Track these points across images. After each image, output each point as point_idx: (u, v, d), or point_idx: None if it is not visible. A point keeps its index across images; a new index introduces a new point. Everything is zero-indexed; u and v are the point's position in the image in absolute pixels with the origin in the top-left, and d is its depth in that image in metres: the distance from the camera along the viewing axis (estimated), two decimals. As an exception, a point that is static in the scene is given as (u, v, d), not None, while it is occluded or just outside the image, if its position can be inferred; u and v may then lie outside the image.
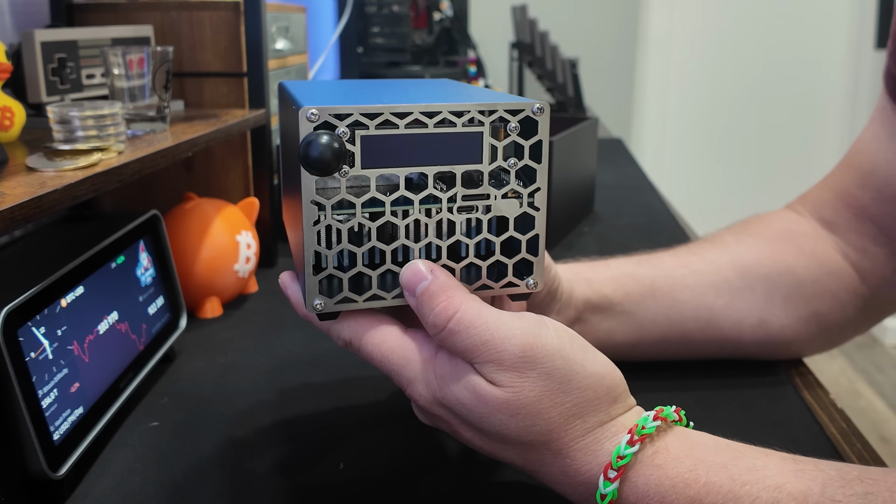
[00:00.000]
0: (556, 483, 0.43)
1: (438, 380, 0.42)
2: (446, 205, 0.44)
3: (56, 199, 0.52)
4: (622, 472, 0.40)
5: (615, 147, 1.76)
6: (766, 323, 0.63)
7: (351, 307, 0.44)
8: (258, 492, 0.51)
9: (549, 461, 0.42)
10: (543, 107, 0.43)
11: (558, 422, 0.41)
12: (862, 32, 3.09)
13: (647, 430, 0.41)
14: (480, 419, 0.41)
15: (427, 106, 0.42)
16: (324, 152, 0.39)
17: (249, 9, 0.89)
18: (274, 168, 0.99)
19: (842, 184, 0.66)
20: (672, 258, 0.65)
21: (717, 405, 0.61)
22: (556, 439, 0.41)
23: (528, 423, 0.41)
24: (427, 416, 0.46)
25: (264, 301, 0.85)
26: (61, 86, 0.79)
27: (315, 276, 0.43)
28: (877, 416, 2.49)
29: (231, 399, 0.64)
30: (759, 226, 0.68)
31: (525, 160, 0.44)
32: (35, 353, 0.50)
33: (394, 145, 0.42)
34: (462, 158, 0.43)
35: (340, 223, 0.42)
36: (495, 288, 0.46)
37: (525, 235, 0.45)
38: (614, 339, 0.62)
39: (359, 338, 0.45)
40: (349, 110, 0.41)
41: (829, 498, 0.38)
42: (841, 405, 0.61)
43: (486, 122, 0.43)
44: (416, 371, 0.43)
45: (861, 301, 0.65)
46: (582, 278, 0.61)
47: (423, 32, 1.88)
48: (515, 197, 0.44)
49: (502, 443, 0.42)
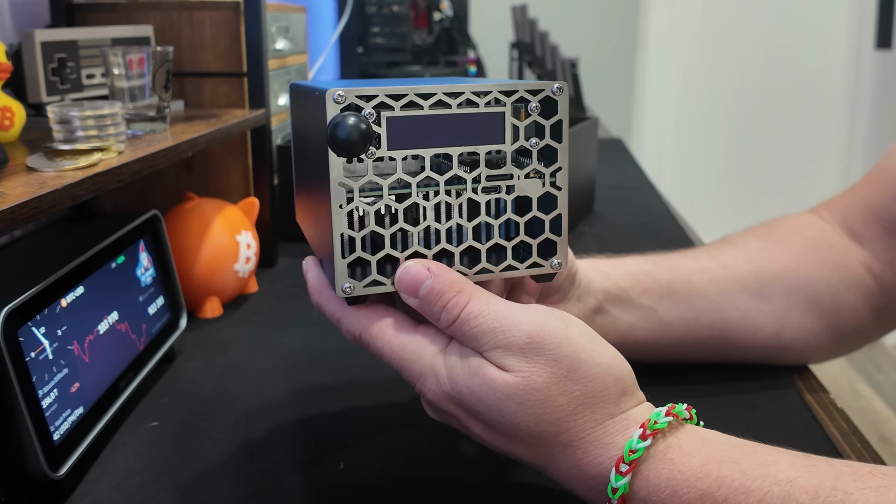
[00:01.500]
0: (567, 478, 0.43)
1: (448, 371, 0.43)
2: (471, 185, 0.44)
3: (56, 199, 0.52)
4: (634, 466, 0.40)
5: (615, 147, 1.76)
6: (779, 335, 0.63)
7: (380, 290, 0.44)
8: (258, 492, 0.51)
9: (559, 454, 0.42)
10: (563, 86, 0.44)
11: (567, 410, 0.41)
12: (862, 32, 3.09)
13: (659, 424, 0.41)
14: (490, 409, 0.41)
15: (451, 87, 0.43)
16: (351, 133, 0.40)
17: (249, 9, 0.89)
18: (274, 168, 0.99)
19: (873, 195, 0.64)
20: (691, 261, 0.64)
21: (718, 405, 0.61)
22: (565, 430, 0.41)
23: (537, 411, 0.41)
24: (437, 411, 0.45)
25: (264, 301, 0.85)
26: (61, 86, 0.79)
27: (344, 260, 0.43)
28: (877, 416, 2.49)
29: (231, 399, 0.63)
30: (785, 231, 0.66)
31: (546, 140, 0.44)
32: (35, 353, 0.50)
33: (419, 126, 0.42)
34: (485, 139, 0.44)
35: (368, 205, 0.43)
36: (520, 269, 0.46)
37: (548, 215, 0.45)
38: (635, 335, 0.61)
39: (368, 332, 0.45)
40: (375, 91, 0.41)
41: (842, 490, 0.37)
42: (841, 405, 0.61)
43: (507, 102, 0.44)
44: (425, 366, 0.43)
45: (876, 312, 0.64)
46: (599, 271, 0.61)
47: (423, 32, 1.88)
48: (538, 177, 0.45)
49: (512, 437, 0.42)
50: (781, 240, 0.65)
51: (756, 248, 0.65)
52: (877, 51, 3.02)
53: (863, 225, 0.65)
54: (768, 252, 0.64)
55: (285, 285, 0.90)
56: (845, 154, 3.20)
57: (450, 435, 0.57)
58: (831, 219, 0.67)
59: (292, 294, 0.87)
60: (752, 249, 0.65)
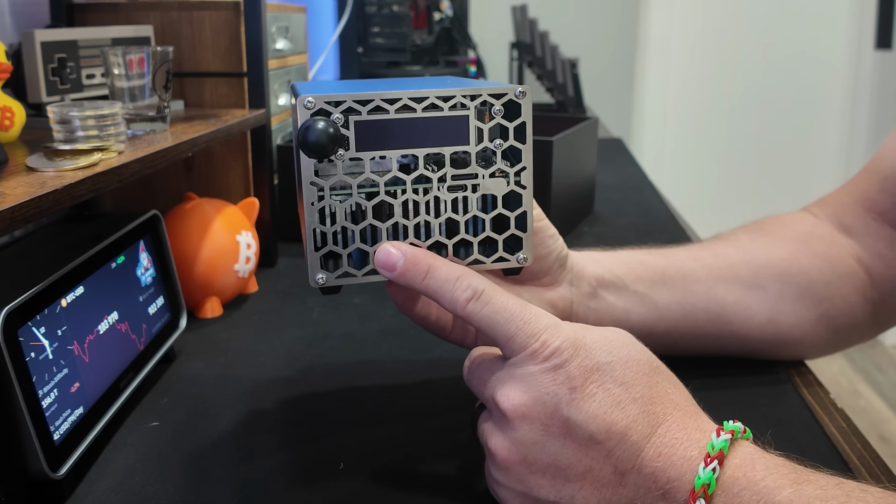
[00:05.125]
0: (654, 457, 0.41)
1: (576, 324, 0.45)
2: (437, 184, 0.47)
3: (56, 199, 0.52)
4: (720, 456, 0.40)
5: (615, 147, 1.76)
6: (775, 322, 0.63)
7: (351, 281, 0.47)
8: (258, 491, 0.51)
9: (663, 424, 0.42)
10: (525, 90, 0.46)
11: (669, 382, 0.45)
12: (862, 32, 3.09)
13: (739, 433, 0.42)
14: (621, 347, 0.44)
15: (415, 92, 0.45)
16: (320, 137, 0.43)
17: (249, 9, 0.89)
18: (274, 168, 0.99)
19: (862, 188, 0.66)
20: (683, 251, 0.66)
21: (718, 405, 0.61)
22: (672, 396, 0.44)
23: (654, 363, 0.45)
24: (539, 385, 0.43)
25: (264, 301, 0.85)
26: (61, 86, 0.79)
27: (316, 253, 0.46)
28: (877, 416, 2.49)
29: (231, 399, 0.64)
30: (775, 226, 0.68)
31: (510, 141, 0.47)
32: (35, 353, 0.50)
33: (386, 129, 0.45)
34: (450, 140, 0.46)
35: (339, 203, 0.46)
36: (487, 263, 0.49)
37: (513, 213, 0.48)
38: (631, 321, 0.62)
39: (493, 288, 0.45)
40: (343, 98, 0.44)
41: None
42: (841, 405, 0.61)
43: (471, 105, 0.46)
44: (553, 318, 0.45)
45: (871, 306, 0.65)
46: (592, 259, 0.62)
47: (423, 32, 1.88)
48: (502, 176, 0.48)
49: (624, 394, 0.43)
50: (771, 233, 0.67)
51: (747, 241, 0.66)
52: (877, 51, 3.01)
53: (852, 218, 0.66)
54: (759, 244, 0.66)
55: (285, 285, 0.90)
56: (845, 154, 3.20)
57: (451, 436, 0.57)
58: (822, 214, 0.68)
59: (292, 294, 0.87)
60: (743, 241, 0.66)
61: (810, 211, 0.70)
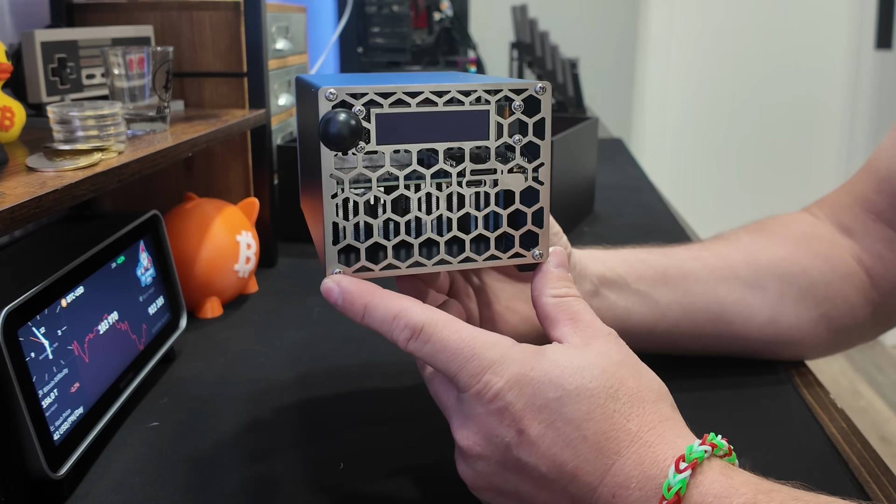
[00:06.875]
0: (623, 485, 0.40)
1: (531, 351, 0.42)
2: (456, 179, 0.46)
3: (56, 199, 0.52)
4: (694, 465, 0.39)
5: (615, 147, 1.76)
6: (775, 322, 0.63)
7: (367, 275, 0.46)
8: (258, 491, 0.51)
9: (626, 448, 0.40)
10: (546, 86, 0.46)
11: (638, 396, 0.42)
12: (862, 33, 3.09)
13: (718, 445, 0.41)
14: (573, 376, 0.41)
15: (437, 86, 0.45)
16: (341, 129, 0.42)
17: (249, 9, 0.89)
18: (274, 168, 0.99)
19: (860, 189, 0.66)
20: (684, 251, 0.66)
21: (718, 405, 0.61)
22: (635, 416, 0.41)
23: (615, 384, 0.41)
24: (491, 418, 0.42)
25: (264, 301, 0.85)
26: (61, 86, 0.79)
27: (334, 247, 0.45)
28: (877, 416, 2.49)
29: (231, 399, 0.64)
30: (775, 226, 0.68)
31: (529, 136, 0.46)
32: (35, 353, 0.50)
33: (406, 123, 0.45)
34: (470, 135, 0.46)
35: (357, 196, 0.45)
36: (503, 258, 0.48)
37: (530, 208, 0.47)
38: (632, 319, 0.62)
39: (434, 322, 0.43)
40: (365, 90, 0.43)
41: None
42: (841, 405, 0.61)
43: (492, 100, 0.46)
44: (502, 351, 0.42)
45: (871, 306, 0.65)
46: (595, 258, 0.62)
47: (423, 32, 1.88)
48: (521, 172, 0.47)
49: (574, 433, 0.40)
50: (772, 233, 0.67)
51: (748, 241, 0.66)
52: (877, 51, 3.02)
53: (851, 218, 0.66)
54: (760, 244, 0.66)
55: (285, 285, 0.90)
56: (845, 154, 3.20)
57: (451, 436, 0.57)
58: (822, 215, 0.68)
59: (292, 294, 0.87)
60: (744, 241, 0.66)
61: (810, 211, 0.70)
